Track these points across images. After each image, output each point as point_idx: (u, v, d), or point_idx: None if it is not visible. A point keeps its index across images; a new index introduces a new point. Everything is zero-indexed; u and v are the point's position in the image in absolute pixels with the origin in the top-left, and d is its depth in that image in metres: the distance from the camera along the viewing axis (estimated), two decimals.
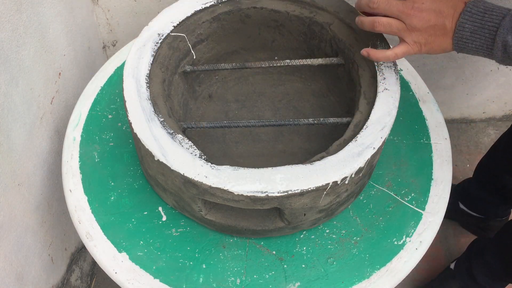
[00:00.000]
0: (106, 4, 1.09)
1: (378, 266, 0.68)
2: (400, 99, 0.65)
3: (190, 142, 0.61)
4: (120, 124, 0.82)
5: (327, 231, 0.71)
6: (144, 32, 0.73)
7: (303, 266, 0.68)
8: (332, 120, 0.67)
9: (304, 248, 0.70)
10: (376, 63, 0.68)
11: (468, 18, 0.55)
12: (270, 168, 0.59)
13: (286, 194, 0.57)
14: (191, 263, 0.68)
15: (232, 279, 0.67)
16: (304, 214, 0.64)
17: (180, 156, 0.59)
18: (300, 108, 0.82)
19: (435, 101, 0.85)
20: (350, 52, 0.71)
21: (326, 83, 0.82)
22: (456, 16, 0.56)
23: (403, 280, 0.69)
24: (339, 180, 0.58)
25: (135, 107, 0.64)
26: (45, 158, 0.89)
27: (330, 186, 0.58)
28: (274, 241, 0.70)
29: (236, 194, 0.57)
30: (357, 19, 0.65)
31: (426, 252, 0.70)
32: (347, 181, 0.60)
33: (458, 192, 1.24)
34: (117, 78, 0.88)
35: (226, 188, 0.57)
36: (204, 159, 0.60)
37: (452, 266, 1.15)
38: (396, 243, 0.70)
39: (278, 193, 0.57)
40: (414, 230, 0.71)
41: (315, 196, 0.59)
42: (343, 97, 0.78)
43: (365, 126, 0.62)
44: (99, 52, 1.17)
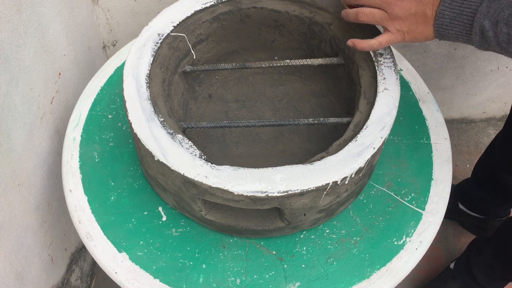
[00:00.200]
0: (106, 4, 1.09)
1: (378, 266, 0.68)
2: (400, 99, 0.65)
3: (190, 142, 0.61)
4: (120, 124, 0.82)
5: (327, 231, 0.71)
6: (144, 32, 0.73)
7: (303, 266, 0.68)
8: (332, 120, 0.67)
9: (304, 248, 0.70)
10: (376, 63, 0.68)
11: (448, 6, 0.57)
12: (270, 168, 0.59)
13: (286, 194, 0.57)
14: (191, 263, 0.68)
15: (232, 279, 0.67)
16: (304, 214, 0.64)
17: (180, 156, 0.59)
18: (300, 108, 0.82)
19: (435, 101, 0.85)
20: (350, 52, 0.71)
21: (326, 83, 0.82)
22: (436, 4, 0.58)
23: (403, 280, 0.69)
24: (339, 180, 0.58)
25: (135, 107, 0.64)
26: (45, 158, 0.89)
27: (330, 186, 0.58)
28: (274, 241, 0.70)
29: (236, 194, 0.57)
30: (342, 12, 0.68)
31: (426, 252, 0.70)
32: (347, 181, 0.60)
33: (457, 192, 1.24)
34: (117, 78, 0.88)
35: (226, 188, 0.57)
36: (204, 159, 0.60)
37: (452, 266, 1.15)
38: (396, 243, 0.70)
39: (278, 193, 0.57)
40: (414, 230, 0.71)
41: (315, 196, 0.59)
42: (343, 97, 0.78)
43: (365, 126, 0.62)
44: (99, 52, 1.17)
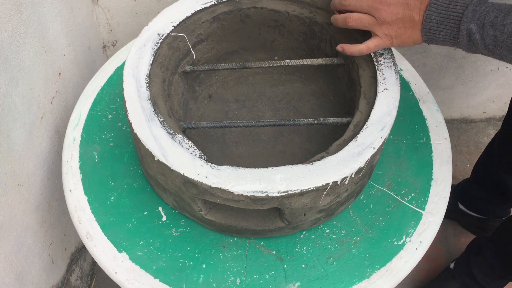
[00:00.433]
0: (106, 4, 1.09)
1: (378, 266, 0.68)
2: (400, 99, 0.65)
3: (190, 142, 0.61)
4: (120, 124, 0.82)
5: (327, 231, 0.71)
6: (144, 32, 0.73)
7: (303, 266, 0.68)
8: (332, 120, 0.67)
9: (304, 248, 0.70)
10: (376, 63, 0.68)
11: (435, 10, 0.58)
12: (270, 168, 0.59)
13: (286, 194, 0.57)
14: (191, 263, 0.68)
15: (232, 279, 0.67)
16: (304, 214, 0.64)
17: (180, 156, 0.59)
18: (300, 108, 0.82)
19: (435, 101, 0.85)
20: None
21: (326, 83, 0.82)
22: (423, 9, 0.59)
23: (403, 280, 0.69)
24: (339, 180, 0.58)
25: (135, 107, 0.64)
26: (45, 158, 0.89)
27: (330, 186, 0.58)
28: (274, 241, 0.70)
29: (236, 194, 0.57)
30: (332, 18, 0.69)
31: (426, 252, 0.70)
32: (347, 181, 0.60)
33: (457, 192, 1.24)
34: (117, 78, 0.88)
35: (226, 188, 0.57)
36: (204, 159, 0.60)
37: (452, 266, 1.15)
38: (396, 243, 0.70)
39: (278, 193, 0.57)
40: (414, 230, 0.71)
41: (315, 196, 0.59)
42: (343, 97, 0.78)
43: (365, 126, 0.62)
44: (99, 52, 1.17)
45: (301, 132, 0.79)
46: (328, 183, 0.58)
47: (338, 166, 0.59)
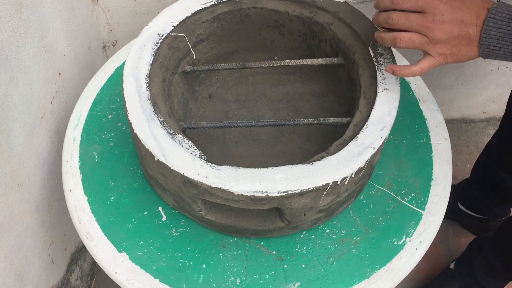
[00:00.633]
0: (106, 4, 1.09)
1: (378, 266, 0.68)
2: (400, 99, 0.65)
3: (190, 142, 0.61)
4: (120, 124, 0.82)
5: (327, 231, 0.71)
6: (144, 32, 0.73)
7: (303, 266, 0.68)
8: (332, 120, 0.67)
9: (304, 248, 0.70)
10: (376, 63, 0.68)
11: (493, 25, 0.54)
12: (270, 168, 0.59)
13: (286, 194, 0.57)
14: (191, 263, 0.68)
15: (232, 279, 0.67)
16: (304, 214, 0.64)
17: (180, 156, 0.59)
18: (300, 108, 0.82)
19: (435, 101, 0.85)
20: (350, 52, 0.71)
21: (326, 83, 0.82)
22: (479, 24, 0.55)
23: (403, 280, 0.69)
24: (339, 180, 0.58)
25: (135, 107, 0.64)
26: (45, 158, 0.89)
27: (330, 186, 0.58)
28: (274, 241, 0.70)
29: (236, 194, 0.57)
30: (376, 35, 0.63)
31: (426, 252, 0.70)
32: (347, 181, 0.60)
33: (457, 192, 1.24)
34: (117, 78, 0.88)
35: (226, 188, 0.57)
36: (204, 159, 0.60)
37: (452, 266, 1.15)
38: (396, 243, 0.70)
39: (278, 193, 0.57)
40: (414, 230, 0.71)
41: (315, 196, 0.59)
42: (343, 97, 0.78)
43: (365, 126, 0.62)
44: (99, 52, 1.17)
45: (301, 132, 0.79)
46: (328, 183, 0.58)
47: (338, 166, 0.59)
